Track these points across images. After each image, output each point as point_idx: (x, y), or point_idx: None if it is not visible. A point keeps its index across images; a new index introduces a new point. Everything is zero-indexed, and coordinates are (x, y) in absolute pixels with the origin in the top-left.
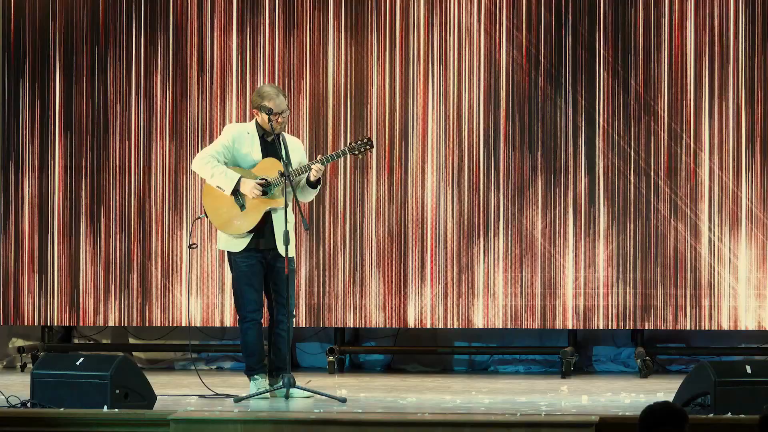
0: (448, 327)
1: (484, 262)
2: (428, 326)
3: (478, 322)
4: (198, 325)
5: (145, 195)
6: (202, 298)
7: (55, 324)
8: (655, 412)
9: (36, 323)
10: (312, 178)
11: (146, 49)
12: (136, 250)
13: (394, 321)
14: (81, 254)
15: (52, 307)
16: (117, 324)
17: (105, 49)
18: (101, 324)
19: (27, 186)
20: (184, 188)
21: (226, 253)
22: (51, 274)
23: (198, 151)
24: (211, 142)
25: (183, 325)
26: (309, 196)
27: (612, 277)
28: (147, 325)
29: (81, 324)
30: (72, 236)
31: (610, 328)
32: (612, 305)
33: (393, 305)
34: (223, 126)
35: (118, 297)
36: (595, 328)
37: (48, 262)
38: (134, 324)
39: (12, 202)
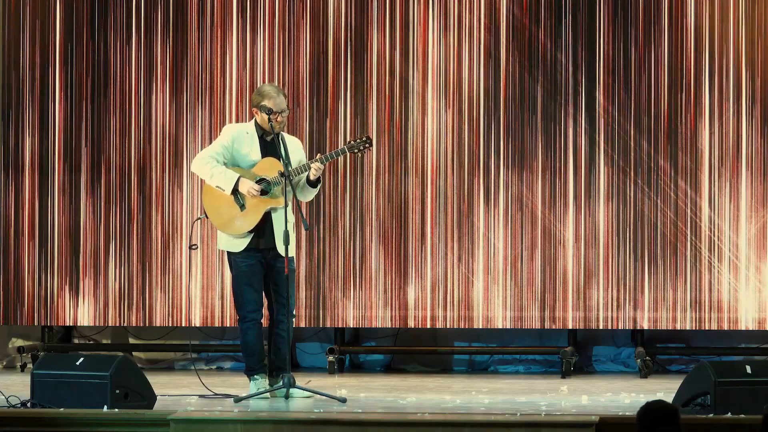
0: (448, 327)
1: (483, 259)
2: (428, 320)
3: (478, 322)
4: (198, 325)
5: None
6: (202, 298)
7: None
8: (652, 411)
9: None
10: (312, 177)
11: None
12: (137, 248)
13: (394, 316)
14: (80, 244)
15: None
16: (117, 324)
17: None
18: (101, 323)
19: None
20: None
21: (226, 253)
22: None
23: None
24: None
25: (183, 325)
26: (309, 195)
27: (612, 276)
28: (147, 325)
29: (81, 316)
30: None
31: (610, 328)
32: (612, 305)
33: (393, 302)
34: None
35: (118, 292)
36: (595, 328)
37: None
38: (134, 324)
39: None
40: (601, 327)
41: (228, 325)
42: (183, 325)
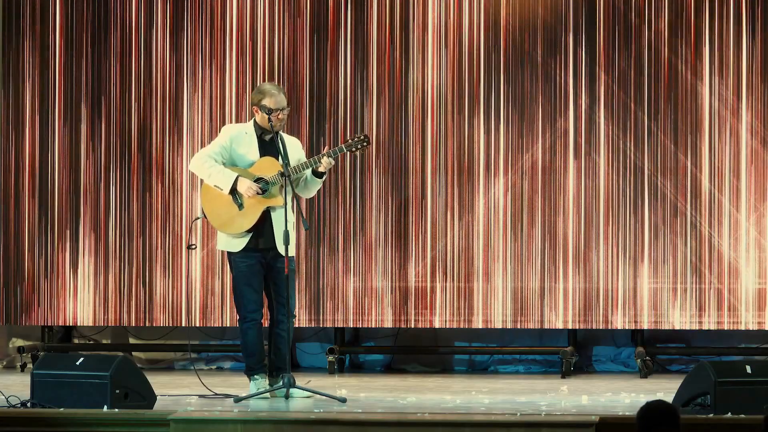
0: (448, 327)
1: (483, 258)
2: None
3: (479, 321)
4: (198, 325)
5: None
6: (202, 298)
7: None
8: (652, 411)
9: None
10: (322, 169)
11: None
12: (137, 247)
13: (396, 309)
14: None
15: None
16: (117, 323)
17: None
18: (101, 323)
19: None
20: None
21: (226, 254)
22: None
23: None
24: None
25: (183, 325)
26: (313, 189)
27: (612, 277)
28: (147, 324)
29: (81, 309)
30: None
31: (610, 327)
32: (612, 305)
33: (394, 300)
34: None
35: (117, 290)
36: (595, 327)
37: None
38: (134, 324)
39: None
40: (601, 327)
41: (228, 325)
42: (183, 325)
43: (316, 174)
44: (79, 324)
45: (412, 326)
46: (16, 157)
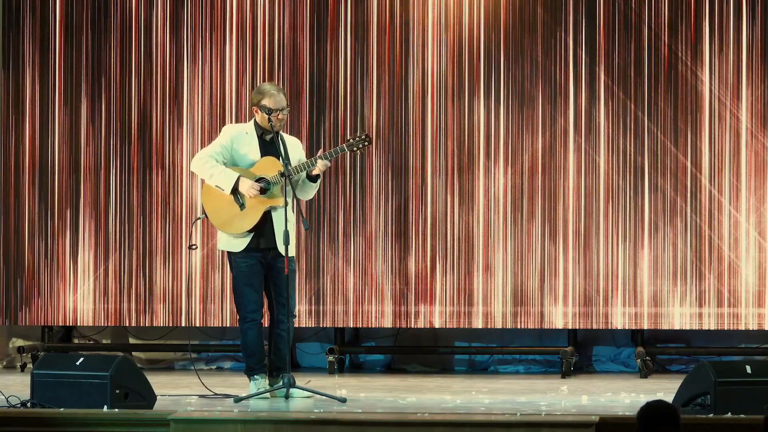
0: (448, 327)
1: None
2: (431, 318)
3: (479, 318)
4: (198, 325)
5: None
6: (202, 298)
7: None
8: (652, 411)
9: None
10: (316, 172)
11: None
12: (137, 245)
13: (397, 312)
14: (80, 248)
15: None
16: (116, 323)
17: None
18: (102, 323)
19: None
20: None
21: (226, 254)
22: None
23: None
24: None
25: (183, 325)
26: (310, 192)
27: (612, 276)
28: (147, 324)
29: (81, 322)
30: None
31: (610, 327)
32: (612, 305)
33: (396, 299)
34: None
35: (117, 286)
36: (595, 327)
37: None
38: (134, 318)
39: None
40: (601, 327)
41: (228, 325)
42: (183, 325)
43: (310, 178)
44: (78, 320)
45: (412, 325)
46: (16, 142)
